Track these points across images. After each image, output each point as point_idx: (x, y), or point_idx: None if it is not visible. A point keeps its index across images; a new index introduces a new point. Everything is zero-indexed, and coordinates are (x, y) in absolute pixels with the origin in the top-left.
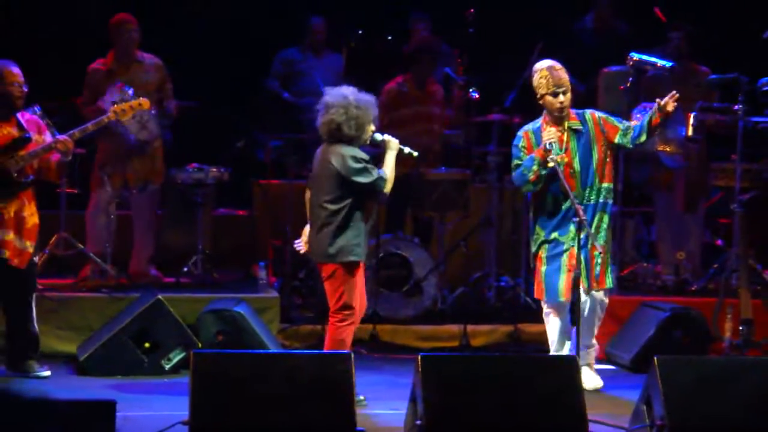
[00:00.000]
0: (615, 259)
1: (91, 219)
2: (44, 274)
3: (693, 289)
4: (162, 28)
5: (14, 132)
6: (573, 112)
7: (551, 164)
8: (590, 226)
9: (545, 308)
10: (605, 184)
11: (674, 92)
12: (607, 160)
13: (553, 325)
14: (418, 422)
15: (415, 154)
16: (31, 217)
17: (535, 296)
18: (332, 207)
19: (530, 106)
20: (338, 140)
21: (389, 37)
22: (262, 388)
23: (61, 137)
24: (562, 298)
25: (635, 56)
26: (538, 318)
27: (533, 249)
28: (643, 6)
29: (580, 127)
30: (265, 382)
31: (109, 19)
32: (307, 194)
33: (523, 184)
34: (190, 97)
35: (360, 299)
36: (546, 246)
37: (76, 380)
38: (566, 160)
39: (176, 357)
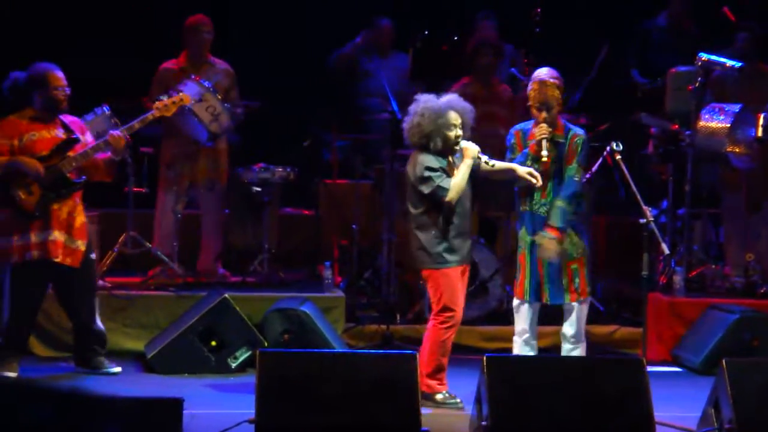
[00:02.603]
0: (683, 261)
1: (158, 218)
2: (112, 272)
3: (762, 291)
4: (230, 28)
5: (60, 134)
6: (563, 123)
7: (544, 159)
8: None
9: (519, 305)
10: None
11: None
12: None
13: (521, 317)
14: (484, 423)
15: (492, 163)
16: (79, 216)
17: (513, 292)
18: (413, 212)
19: (596, 106)
20: (414, 146)
21: (455, 38)
22: (327, 387)
23: (115, 132)
24: (543, 301)
25: (704, 56)
26: (604, 319)
27: (519, 247)
28: (711, 6)
29: (562, 140)
30: (330, 382)
31: (182, 20)
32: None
33: (516, 179)
34: (257, 97)
35: (462, 301)
36: (528, 247)
37: (144, 378)
38: (545, 159)
39: (242, 355)
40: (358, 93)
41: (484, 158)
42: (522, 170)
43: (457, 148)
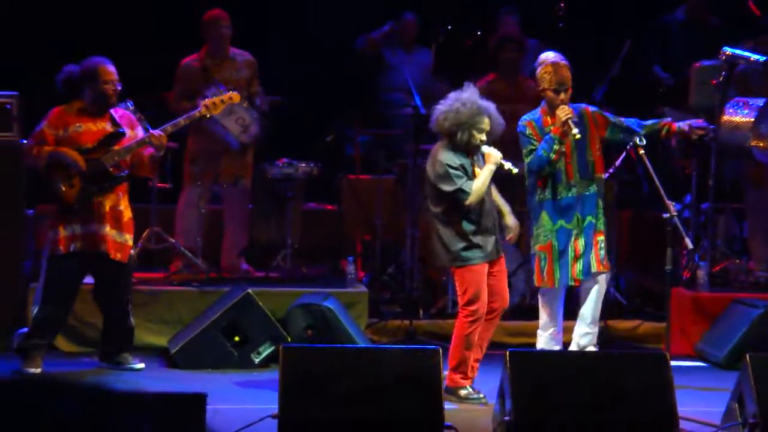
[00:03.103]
0: (707, 256)
1: (182, 214)
2: (136, 267)
3: None
4: (253, 22)
5: (108, 127)
6: (569, 106)
7: (577, 136)
8: (593, 214)
9: (545, 294)
10: (598, 175)
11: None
12: (598, 152)
13: (547, 308)
14: (507, 418)
15: (515, 170)
16: (126, 210)
17: (538, 284)
18: (434, 209)
19: (620, 100)
20: (440, 135)
21: (479, 33)
22: (351, 382)
23: (155, 132)
24: (572, 282)
25: (728, 51)
26: (627, 314)
27: (540, 238)
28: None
29: (577, 120)
30: (354, 377)
31: (202, 15)
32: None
33: (544, 165)
34: (280, 91)
35: (491, 296)
36: (555, 234)
37: (167, 373)
38: (579, 136)
39: (266, 351)
40: (381, 88)
41: (508, 165)
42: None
43: (479, 151)
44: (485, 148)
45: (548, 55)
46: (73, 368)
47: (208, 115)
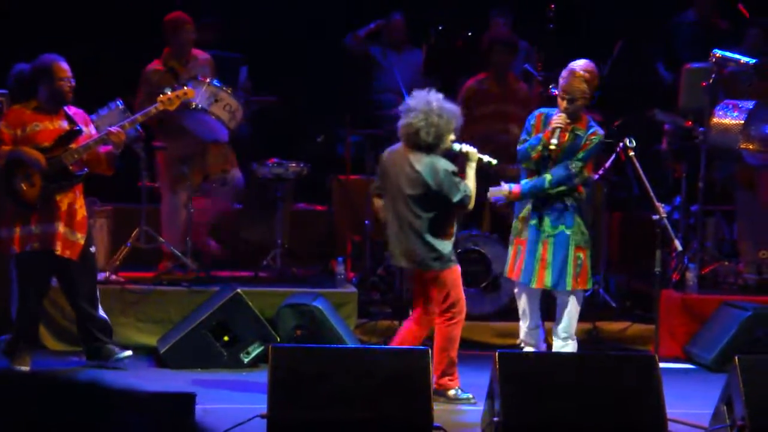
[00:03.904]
0: (696, 258)
1: (168, 221)
2: (125, 267)
3: None
4: (242, 24)
5: (64, 125)
6: (587, 119)
7: (552, 147)
8: (568, 226)
9: (517, 286)
10: (577, 193)
11: None
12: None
13: (520, 300)
14: (496, 419)
15: (494, 162)
16: (81, 209)
17: (509, 275)
18: (425, 215)
19: (610, 102)
20: (415, 146)
21: (469, 33)
22: (340, 382)
23: (114, 129)
24: (534, 286)
25: (718, 53)
26: (616, 316)
27: (518, 232)
28: (726, 2)
29: (581, 134)
30: (343, 377)
31: (203, 16)
32: (379, 201)
33: (525, 160)
34: (270, 92)
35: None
36: (528, 229)
37: (156, 372)
38: (553, 147)
39: (255, 351)
40: (372, 88)
41: (486, 158)
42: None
43: (457, 149)
44: (464, 147)
45: (575, 63)
46: (61, 366)
47: (163, 110)
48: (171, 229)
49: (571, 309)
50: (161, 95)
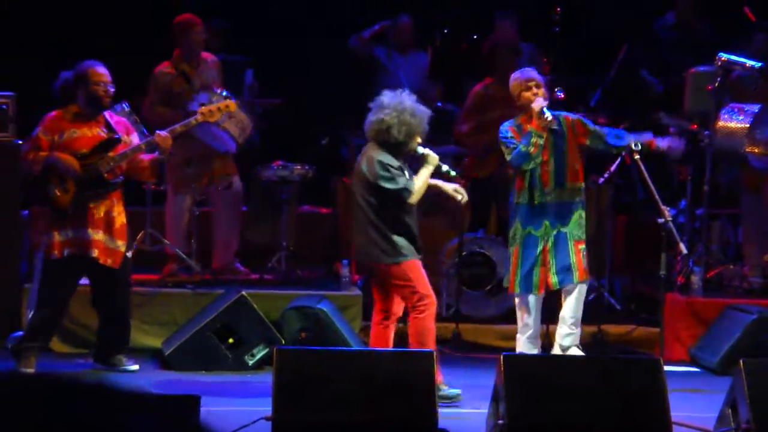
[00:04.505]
0: (701, 261)
1: (173, 223)
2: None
3: None
4: (248, 25)
5: (103, 133)
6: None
7: (551, 125)
8: (568, 224)
9: (518, 298)
10: (578, 184)
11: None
12: (578, 161)
13: (520, 311)
14: (500, 422)
15: (453, 173)
16: (119, 216)
17: (508, 286)
18: (371, 208)
19: (615, 106)
20: (384, 142)
21: (474, 36)
22: (344, 385)
23: (162, 133)
24: (536, 293)
25: (724, 56)
26: (621, 319)
27: (513, 240)
28: (729, 5)
29: (557, 128)
30: (347, 380)
31: (204, 18)
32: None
33: (524, 161)
34: (276, 94)
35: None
36: (522, 239)
37: (161, 374)
38: (554, 124)
39: (260, 353)
40: (376, 90)
41: (445, 167)
42: (448, 187)
43: (420, 152)
44: (426, 151)
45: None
46: (68, 369)
47: (203, 121)
48: (175, 231)
49: (581, 297)
50: (203, 107)
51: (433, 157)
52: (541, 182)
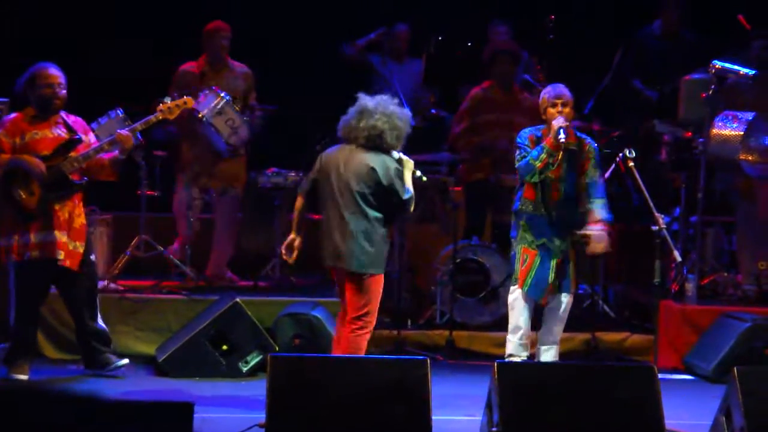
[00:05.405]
0: (695, 269)
1: (179, 214)
2: (124, 275)
3: None
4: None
5: (63, 134)
6: (574, 132)
7: (567, 146)
8: (566, 237)
9: (519, 295)
10: (580, 207)
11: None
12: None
13: (515, 308)
14: (494, 429)
15: (425, 178)
16: (78, 218)
17: (519, 285)
18: (371, 213)
19: (609, 113)
20: (376, 147)
21: (469, 44)
22: (338, 392)
23: (123, 132)
24: (540, 302)
25: (718, 64)
26: (615, 326)
27: (526, 242)
28: (723, 14)
29: (574, 148)
30: (341, 387)
31: (201, 22)
32: (301, 201)
33: (528, 173)
34: (270, 100)
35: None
36: (538, 246)
37: (155, 381)
38: (573, 144)
39: (253, 360)
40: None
41: (419, 173)
42: (411, 164)
43: (396, 157)
44: (402, 156)
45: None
46: (60, 375)
47: (163, 119)
48: (182, 220)
49: (567, 311)
50: (161, 104)
51: (410, 162)
52: (551, 197)
